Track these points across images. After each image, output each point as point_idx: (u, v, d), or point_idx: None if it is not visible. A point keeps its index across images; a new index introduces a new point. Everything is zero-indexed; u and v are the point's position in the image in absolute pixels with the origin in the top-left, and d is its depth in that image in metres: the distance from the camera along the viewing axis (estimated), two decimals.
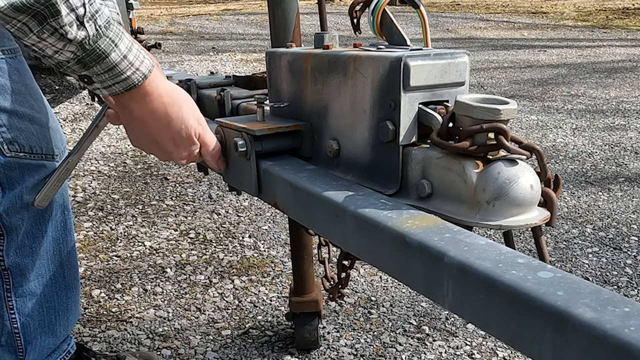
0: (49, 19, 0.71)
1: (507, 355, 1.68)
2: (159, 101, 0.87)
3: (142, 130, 0.92)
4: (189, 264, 2.19)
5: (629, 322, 0.47)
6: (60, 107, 4.42)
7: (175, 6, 15.36)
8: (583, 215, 2.65)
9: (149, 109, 0.87)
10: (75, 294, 1.35)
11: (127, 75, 0.81)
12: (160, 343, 1.73)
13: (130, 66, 0.81)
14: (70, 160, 1.12)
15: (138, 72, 0.82)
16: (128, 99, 0.86)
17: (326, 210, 0.81)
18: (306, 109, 0.96)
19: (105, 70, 0.79)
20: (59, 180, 1.14)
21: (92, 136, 1.11)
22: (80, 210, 2.65)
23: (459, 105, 0.72)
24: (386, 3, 0.86)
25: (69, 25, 0.73)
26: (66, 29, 0.73)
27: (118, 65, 0.79)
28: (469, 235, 0.65)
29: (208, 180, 3.02)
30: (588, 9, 12.80)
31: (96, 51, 0.77)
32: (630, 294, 2.00)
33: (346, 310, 1.90)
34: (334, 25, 10.12)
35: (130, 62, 0.81)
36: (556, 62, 6.92)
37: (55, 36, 0.73)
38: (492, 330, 0.57)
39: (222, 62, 6.71)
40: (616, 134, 3.90)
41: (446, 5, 14.41)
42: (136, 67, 0.82)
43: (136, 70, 0.82)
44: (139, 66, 0.82)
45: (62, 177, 1.14)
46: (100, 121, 1.09)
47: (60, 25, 0.72)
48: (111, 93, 0.83)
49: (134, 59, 0.81)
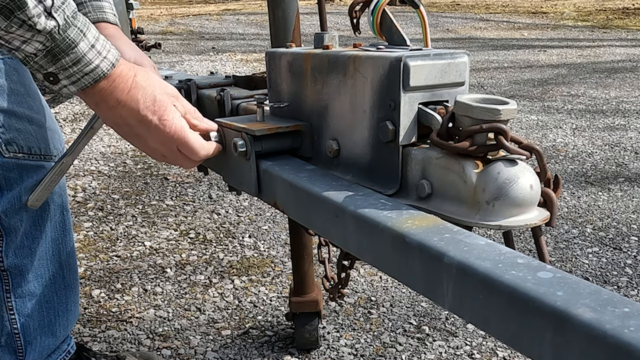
0: (16, 11, 0.71)
1: (507, 355, 1.68)
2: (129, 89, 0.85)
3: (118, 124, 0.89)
4: (189, 264, 2.19)
5: (628, 322, 0.47)
6: (60, 107, 4.42)
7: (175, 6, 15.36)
8: (583, 215, 2.65)
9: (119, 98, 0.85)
10: (75, 294, 1.35)
11: (95, 64, 0.80)
12: (160, 343, 1.73)
13: (98, 55, 0.80)
14: (64, 162, 1.12)
15: (106, 60, 0.81)
16: (98, 92, 0.83)
17: (326, 210, 0.81)
18: (306, 109, 0.96)
19: (74, 62, 0.78)
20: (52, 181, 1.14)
21: (87, 138, 1.10)
22: (80, 210, 2.65)
23: (459, 105, 0.72)
24: (386, 3, 0.86)
25: (37, 16, 0.72)
26: (34, 20, 0.72)
27: (86, 55, 0.78)
28: (469, 235, 0.65)
29: (208, 180, 3.02)
30: (588, 9, 12.80)
31: (66, 40, 0.76)
32: (630, 294, 2.00)
33: (346, 310, 1.90)
34: (334, 25, 10.13)
35: (98, 51, 0.80)
36: (556, 62, 6.92)
37: (24, 28, 0.73)
38: (492, 330, 0.57)
39: (222, 62, 6.71)
40: (616, 134, 3.90)
41: (446, 5, 14.41)
42: (104, 55, 0.81)
43: (104, 59, 0.81)
44: (106, 55, 0.81)
45: (56, 178, 1.14)
46: (95, 123, 1.08)
47: (28, 17, 0.72)
48: (79, 88, 0.81)
49: (101, 48, 0.80)
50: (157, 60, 6.56)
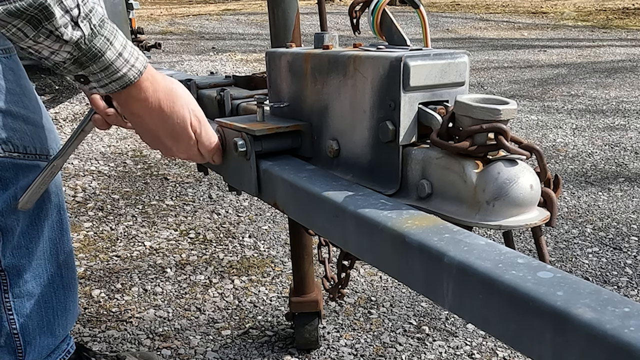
0: (44, 22, 0.71)
1: (507, 355, 1.68)
2: (155, 97, 0.87)
3: (142, 126, 0.92)
4: (189, 264, 2.19)
5: (628, 322, 0.47)
6: (60, 107, 4.42)
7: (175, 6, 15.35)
8: (583, 215, 2.65)
9: (145, 105, 0.87)
10: (74, 293, 1.35)
11: (123, 72, 0.81)
12: (160, 343, 1.72)
13: (125, 63, 0.81)
14: (55, 164, 1.11)
15: (134, 68, 0.82)
16: (125, 97, 0.86)
17: (326, 210, 0.81)
18: (306, 109, 0.96)
19: (101, 69, 0.79)
20: (43, 183, 1.13)
21: (77, 140, 1.10)
22: (80, 210, 2.65)
23: (459, 105, 0.72)
24: (386, 3, 0.86)
25: (64, 26, 0.73)
26: (61, 30, 0.73)
27: (114, 63, 0.79)
28: (469, 235, 0.65)
29: (208, 180, 3.02)
30: (588, 9, 12.80)
31: (92, 50, 0.77)
32: (630, 294, 2.00)
33: (346, 310, 1.90)
34: (334, 25, 10.12)
35: (126, 59, 0.81)
36: (556, 62, 6.92)
37: (51, 38, 0.73)
38: (492, 330, 0.57)
39: (222, 62, 6.71)
40: (616, 134, 3.90)
41: (446, 5, 14.41)
42: (131, 64, 0.82)
43: (132, 67, 0.82)
44: (134, 63, 0.82)
45: (46, 181, 1.13)
46: (86, 125, 1.08)
47: (56, 27, 0.72)
48: (108, 92, 0.83)
49: (129, 56, 0.81)
50: (157, 60, 6.56)
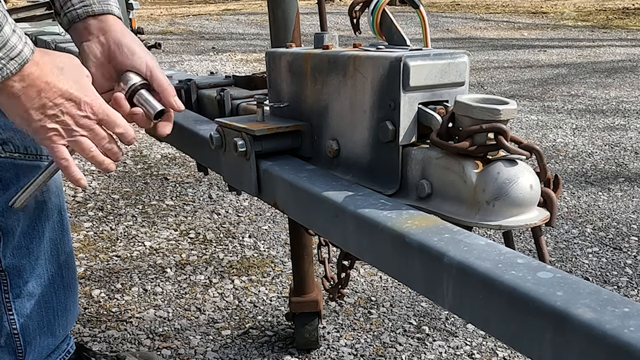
0: None
1: (507, 355, 1.68)
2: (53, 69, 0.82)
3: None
4: (189, 264, 2.19)
5: (628, 322, 0.47)
6: None
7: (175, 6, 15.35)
8: (583, 215, 2.65)
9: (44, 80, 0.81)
10: (74, 293, 1.35)
11: (20, 48, 0.77)
12: (160, 343, 1.72)
13: (20, 39, 0.77)
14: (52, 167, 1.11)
15: (28, 44, 0.79)
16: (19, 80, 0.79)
17: (326, 210, 0.81)
18: (306, 109, 0.96)
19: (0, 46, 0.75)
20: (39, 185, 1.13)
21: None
22: (80, 210, 2.65)
23: (459, 105, 0.72)
24: (386, 3, 0.86)
25: None
26: None
27: (11, 38, 0.76)
28: (469, 235, 0.65)
29: (208, 180, 3.02)
30: (588, 9, 12.80)
31: None
32: (630, 294, 2.00)
33: (346, 310, 1.90)
34: (334, 25, 10.12)
35: (19, 35, 0.78)
36: (556, 62, 6.92)
37: None
38: (492, 330, 0.57)
39: (222, 62, 6.71)
40: (616, 134, 3.90)
41: (446, 5, 14.41)
42: (24, 40, 0.78)
43: (26, 43, 0.78)
44: (26, 40, 0.79)
45: (42, 182, 1.13)
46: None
47: None
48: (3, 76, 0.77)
49: (21, 32, 0.78)
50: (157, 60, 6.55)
